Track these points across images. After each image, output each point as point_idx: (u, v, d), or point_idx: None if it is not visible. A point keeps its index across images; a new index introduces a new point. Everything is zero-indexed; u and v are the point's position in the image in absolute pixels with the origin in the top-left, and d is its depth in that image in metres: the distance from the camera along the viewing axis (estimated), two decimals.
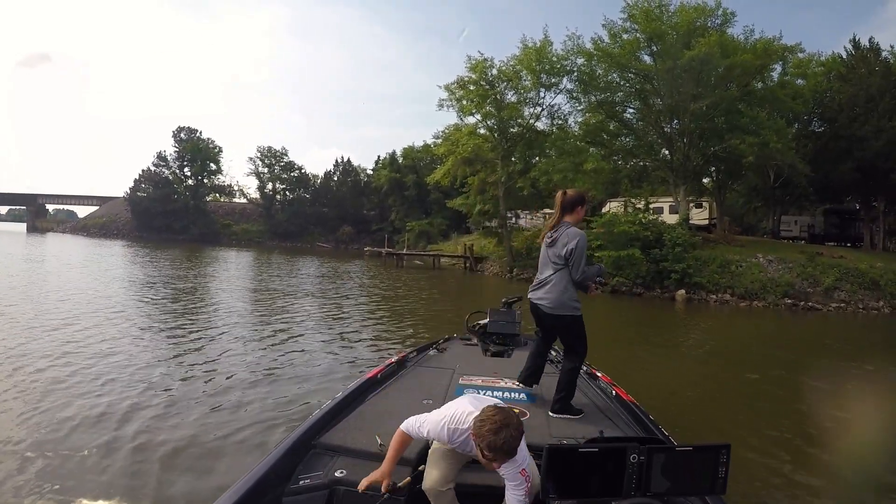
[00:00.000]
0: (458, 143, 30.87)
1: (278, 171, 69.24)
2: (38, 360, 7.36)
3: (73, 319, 10.44)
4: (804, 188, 30.76)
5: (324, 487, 2.59)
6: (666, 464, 2.14)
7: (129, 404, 5.74)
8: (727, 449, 2.14)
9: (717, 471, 2.14)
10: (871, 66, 29.14)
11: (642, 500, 2.11)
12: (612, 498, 2.12)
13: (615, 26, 26.31)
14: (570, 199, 3.84)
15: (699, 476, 2.17)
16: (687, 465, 2.18)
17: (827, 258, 22.55)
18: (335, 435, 3.06)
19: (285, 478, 2.63)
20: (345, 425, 3.21)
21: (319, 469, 2.72)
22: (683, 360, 10.35)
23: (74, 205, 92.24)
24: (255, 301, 15.27)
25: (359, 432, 3.09)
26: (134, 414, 5.49)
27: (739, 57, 23.67)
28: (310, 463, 2.80)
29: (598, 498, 2.12)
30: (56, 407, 5.58)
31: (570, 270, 3.71)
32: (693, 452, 2.17)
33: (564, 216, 3.84)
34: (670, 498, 2.25)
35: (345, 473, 2.65)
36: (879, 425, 6.30)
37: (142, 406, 5.74)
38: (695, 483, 2.20)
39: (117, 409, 5.58)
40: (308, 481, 2.61)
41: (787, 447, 5.42)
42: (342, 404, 3.55)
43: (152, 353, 8.13)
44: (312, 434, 3.02)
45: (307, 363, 8.07)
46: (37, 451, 4.54)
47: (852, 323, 18.01)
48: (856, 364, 10.22)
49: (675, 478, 2.15)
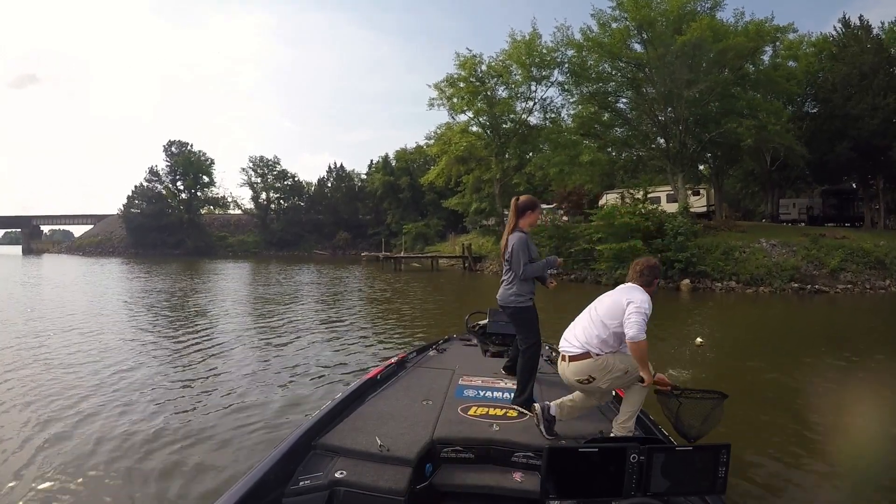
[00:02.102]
0: (451, 142, 30.56)
1: (272, 181, 69.04)
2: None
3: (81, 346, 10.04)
4: (801, 170, 30.55)
5: (324, 488, 2.57)
6: (666, 464, 2.14)
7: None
8: (727, 449, 2.15)
9: (717, 470, 2.15)
10: (863, 43, 28.93)
11: (642, 499, 2.11)
12: (612, 498, 2.12)
13: (604, 15, 26.08)
14: (522, 204, 4.12)
15: (699, 476, 2.17)
16: (687, 465, 2.18)
17: (830, 239, 22.26)
18: (335, 436, 3.04)
19: (285, 479, 2.62)
20: (345, 426, 3.20)
21: (319, 470, 2.71)
22: (694, 356, 9.94)
23: (69, 224, 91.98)
24: (252, 312, 14.90)
25: (359, 433, 3.07)
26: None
27: (732, 40, 23.37)
28: (310, 464, 2.79)
29: (599, 498, 2.13)
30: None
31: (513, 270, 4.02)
32: (693, 452, 2.18)
33: (518, 221, 4.11)
34: (670, 498, 2.25)
35: (345, 474, 2.64)
36: (884, 421, 6.10)
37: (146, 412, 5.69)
38: (695, 483, 2.19)
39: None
40: (308, 482, 2.60)
41: (788, 447, 5.30)
42: (342, 405, 3.54)
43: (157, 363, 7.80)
44: (312, 435, 3.00)
45: (307, 367, 7.87)
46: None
47: (860, 304, 17.62)
48: (862, 356, 9.71)
49: (675, 478, 2.16)
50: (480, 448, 3.04)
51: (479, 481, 2.80)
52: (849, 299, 18.60)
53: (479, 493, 2.76)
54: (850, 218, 32.50)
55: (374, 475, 2.65)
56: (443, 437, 3.09)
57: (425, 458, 2.87)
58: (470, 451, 3.03)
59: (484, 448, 3.03)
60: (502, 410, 3.60)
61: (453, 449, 3.04)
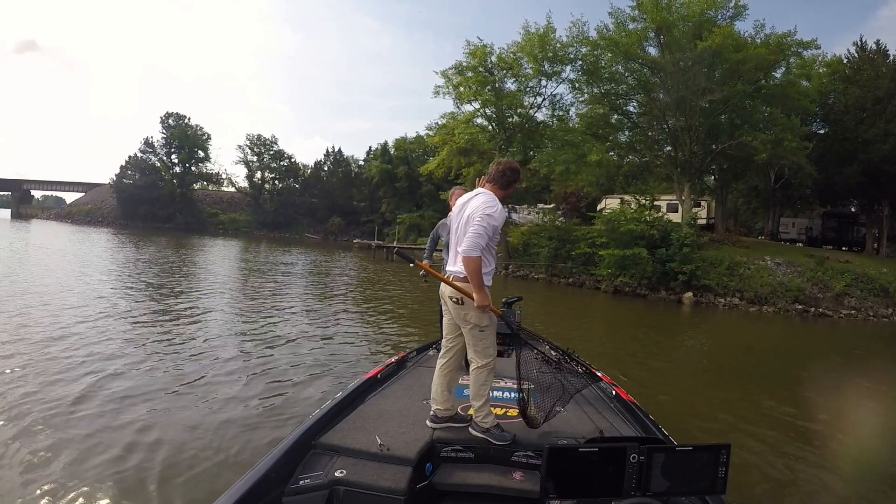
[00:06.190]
0: (454, 132, 29.74)
1: (267, 160, 67.98)
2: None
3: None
4: (804, 190, 30.17)
5: (324, 487, 2.58)
6: (666, 464, 2.13)
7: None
8: (727, 449, 2.14)
9: (716, 471, 2.13)
10: (879, 68, 28.54)
11: (642, 499, 2.10)
12: (612, 498, 2.11)
13: (622, 14, 25.38)
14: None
15: (699, 476, 2.15)
16: (687, 465, 2.16)
17: (834, 262, 21.81)
18: (335, 435, 3.03)
19: (285, 478, 2.60)
20: (345, 425, 3.18)
21: (319, 469, 2.71)
22: (692, 367, 9.94)
23: (61, 191, 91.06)
24: (241, 299, 14.28)
25: (359, 432, 3.07)
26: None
27: (752, 51, 22.79)
28: (310, 463, 2.78)
29: (598, 498, 2.12)
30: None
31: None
32: (693, 452, 2.16)
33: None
34: (670, 498, 2.25)
35: (345, 473, 2.65)
36: (879, 431, 6.38)
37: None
38: (695, 483, 2.18)
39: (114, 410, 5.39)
40: (308, 481, 2.60)
41: (788, 448, 5.52)
42: (342, 404, 3.51)
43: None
44: (312, 434, 2.99)
45: (294, 367, 7.36)
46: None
47: (863, 331, 17.27)
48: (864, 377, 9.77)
49: (675, 478, 2.15)
50: (480, 447, 3.05)
51: (479, 481, 2.82)
52: (852, 325, 18.17)
53: (478, 492, 2.78)
54: (850, 242, 32.18)
55: (374, 474, 2.66)
56: (443, 437, 3.11)
57: (425, 457, 2.89)
58: (470, 451, 3.04)
59: (484, 447, 3.05)
60: (502, 409, 3.58)
61: (453, 448, 3.05)
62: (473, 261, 3.00)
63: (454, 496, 2.81)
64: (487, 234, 3.04)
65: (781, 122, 23.50)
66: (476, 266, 3.01)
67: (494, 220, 3.06)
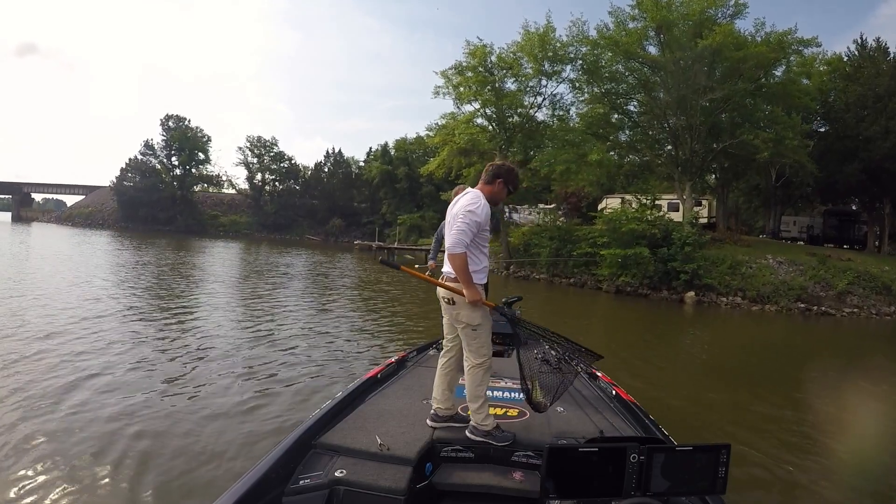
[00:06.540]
0: (454, 132, 29.67)
1: (268, 162, 67.84)
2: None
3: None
4: (804, 188, 30.08)
5: (324, 487, 2.58)
6: (666, 464, 2.13)
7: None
8: (727, 449, 2.13)
9: (717, 471, 2.13)
10: (879, 65, 28.48)
11: (642, 499, 2.10)
12: (612, 498, 2.11)
13: (622, 13, 25.31)
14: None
15: (699, 476, 2.15)
16: (687, 465, 2.16)
17: (836, 261, 21.75)
18: (335, 435, 3.04)
19: (285, 478, 2.61)
20: (345, 425, 3.18)
21: (319, 469, 2.71)
22: (693, 367, 9.97)
23: (61, 194, 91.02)
24: (238, 300, 14.24)
25: (359, 432, 3.07)
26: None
27: (753, 49, 22.73)
28: (310, 463, 2.78)
29: (598, 498, 2.12)
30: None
31: None
32: (693, 452, 2.16)
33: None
34: (670, 498, 2.25)
35: (345, 473, 2.65)
36: (881, 431, 6.40)
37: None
38: (695, 483, 2.18)
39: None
40: (308, 481, 2.60)
41: (788, 448, 5.51)
42: (342, 404, 3.52)
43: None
44: (312, 434, 2.99)
45: (294, 367, 7.33)
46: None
47: (866, 330, 17.21)
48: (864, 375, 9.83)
49: (675, 478, 2.14)
50: (480, 447, 3.04)
51: (479, 480, 2.82)
52: (854, 324, 18.10)
53: (478, 492, 2.78)
54: (850, 240, 32.11)
55: (374, 474, 2.66)
56: (443, 437, 3.11)
57: (425, 457, 2.89)
58: (470, 451, 3.04)
59: (484, 447, 3.04)
60: (502, 409, 3.58)
61: (453, 448, 3.05)
62: (458, 257, 3.03)
63: (454, 496, 2.81)
64: (471, 231, 3.06)
65: (782, 120, 23.46)
66: (461, 262, 3.03)
67: (477, 216, 3.07)
